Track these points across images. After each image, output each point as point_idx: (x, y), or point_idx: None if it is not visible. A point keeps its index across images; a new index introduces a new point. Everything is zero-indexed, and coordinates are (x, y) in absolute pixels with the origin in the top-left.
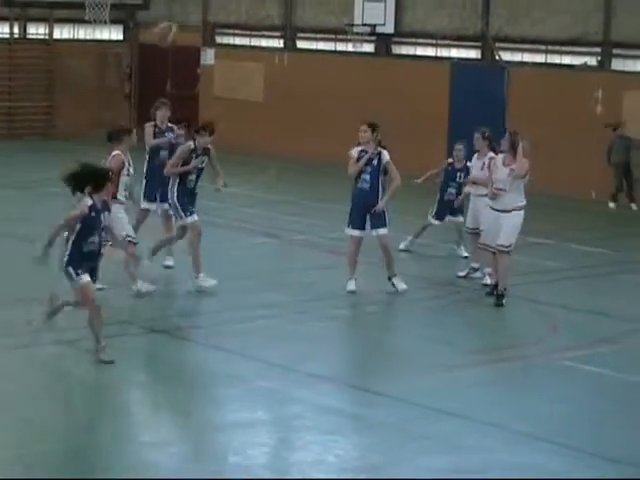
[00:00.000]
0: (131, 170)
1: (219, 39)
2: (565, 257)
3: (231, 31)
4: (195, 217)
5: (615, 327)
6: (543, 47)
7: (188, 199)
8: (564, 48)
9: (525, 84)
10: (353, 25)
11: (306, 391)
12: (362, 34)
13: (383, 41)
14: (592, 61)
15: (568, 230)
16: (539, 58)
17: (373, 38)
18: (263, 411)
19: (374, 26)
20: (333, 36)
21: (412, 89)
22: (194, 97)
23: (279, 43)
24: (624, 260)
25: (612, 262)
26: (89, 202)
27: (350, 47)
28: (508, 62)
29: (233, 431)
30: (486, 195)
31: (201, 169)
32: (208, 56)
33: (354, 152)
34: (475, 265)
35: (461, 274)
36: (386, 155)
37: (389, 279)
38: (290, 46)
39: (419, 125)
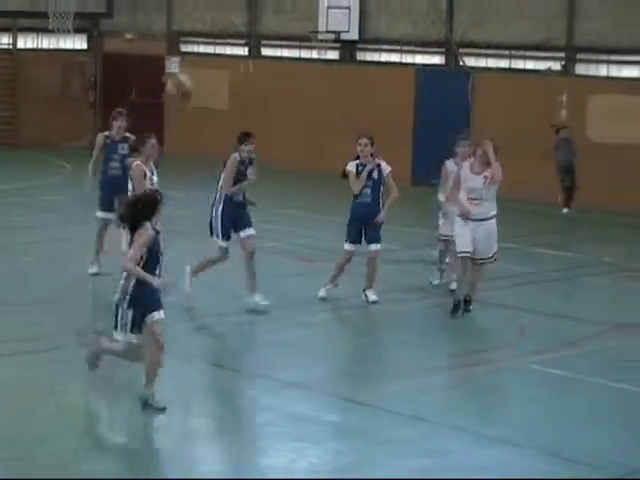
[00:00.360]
0: (155, 179)
1: (184, 47)
2: (532, 261)
3: (195, 39)
4: (228, 243)
5: (581, 330)
6: (507, 52)
7: (233, 217)
8: (528, 53)
9: (490, 89)
10: (317, 32)
11: (277, 398)
12: (326, 41)
13: (347, 48)
14: (556, 66)
15: (534, 234)
16: (503, 63)
17: (337, 45)
18: (234, 419)
19: (338, 33)
20: (298, 43)
21: (377, 95)
22: (159, 105)
23: (244, 51)
24: (591, 264)
25: (579, 265)
26: (148, 224)
27: (315, 54)
28: (472, 67)
29: (203, 438)
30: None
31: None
32: (173, 64)
33: (352, 167)
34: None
35: (436, 282)
36: (386, 167)
37: (364, 289)
38: (255, 53)
39: (384, 131)
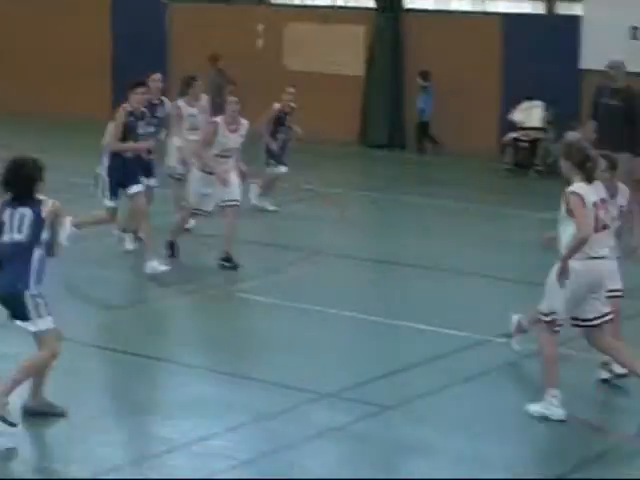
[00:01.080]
0: None
1: None
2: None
3: None
4: (114, 203)
5: (283, 257)
6: None
7: (126, 172)
8: None
9: (185, 19)
10: None
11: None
12: None
13: None
14: None
15: None
16: None
17: None
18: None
19: None
20: None
21: (73, 25)
22: None
23: None
24: (289, 191)
25: (279, 194)
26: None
27: None
28: None
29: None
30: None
31: (151, 134)
32: None
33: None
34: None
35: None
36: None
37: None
38: None
39: (83, 62)
